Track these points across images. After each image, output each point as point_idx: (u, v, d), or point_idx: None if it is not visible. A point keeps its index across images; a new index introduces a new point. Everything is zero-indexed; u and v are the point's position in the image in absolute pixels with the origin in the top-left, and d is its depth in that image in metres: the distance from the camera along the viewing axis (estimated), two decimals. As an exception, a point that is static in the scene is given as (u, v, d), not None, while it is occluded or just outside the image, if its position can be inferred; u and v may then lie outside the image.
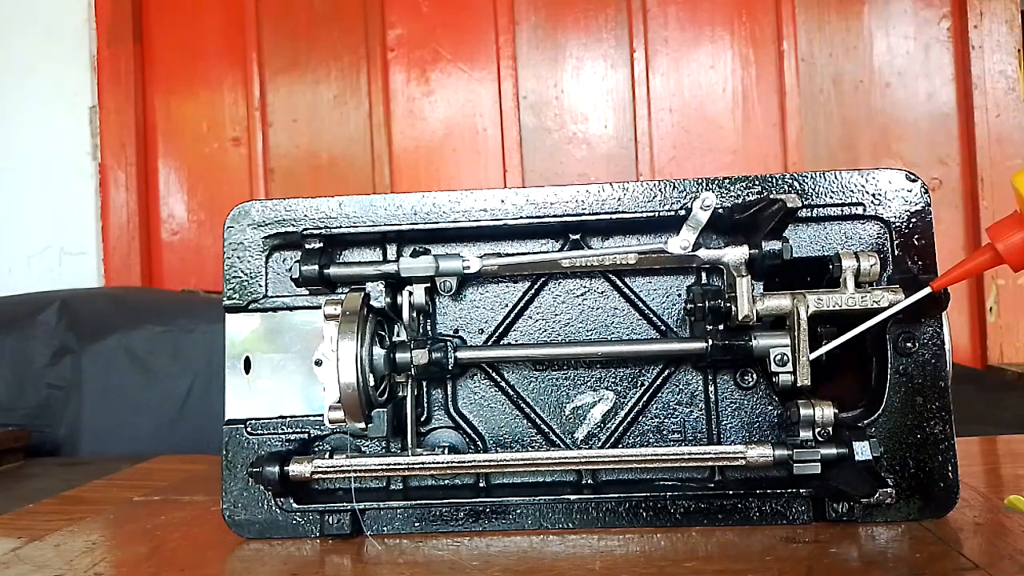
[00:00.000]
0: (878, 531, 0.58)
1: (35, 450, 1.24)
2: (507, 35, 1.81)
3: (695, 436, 0.65)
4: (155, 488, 0.83)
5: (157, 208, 1.91)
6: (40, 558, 0.60)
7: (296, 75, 1.86)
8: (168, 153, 1.91)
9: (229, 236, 0.66)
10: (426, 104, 1.84)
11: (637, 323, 0.66)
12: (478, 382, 0.66)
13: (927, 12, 1.76)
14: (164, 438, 1.32)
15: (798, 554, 0.55)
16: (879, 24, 1.76)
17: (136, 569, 0.58)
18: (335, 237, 0.64)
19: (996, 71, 1.72)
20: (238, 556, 0.60)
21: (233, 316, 0.66)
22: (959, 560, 0.52)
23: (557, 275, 0.66)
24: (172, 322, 1.41)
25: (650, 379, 0.65)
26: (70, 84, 1.87)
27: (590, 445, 0.65)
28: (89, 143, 1.87)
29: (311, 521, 0.63)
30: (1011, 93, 1.72)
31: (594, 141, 1.80)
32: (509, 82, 1.81)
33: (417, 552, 0.59)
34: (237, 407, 0.65)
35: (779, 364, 0.59)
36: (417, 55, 1.84)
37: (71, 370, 1.36)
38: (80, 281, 1.82)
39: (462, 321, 0.67)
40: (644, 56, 1.78)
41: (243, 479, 0.64)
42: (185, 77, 1.90)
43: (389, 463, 0.61)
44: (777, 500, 0.61)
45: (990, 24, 1.72)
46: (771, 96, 1.77)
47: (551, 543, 0.59)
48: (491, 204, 0.64)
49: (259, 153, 1.86)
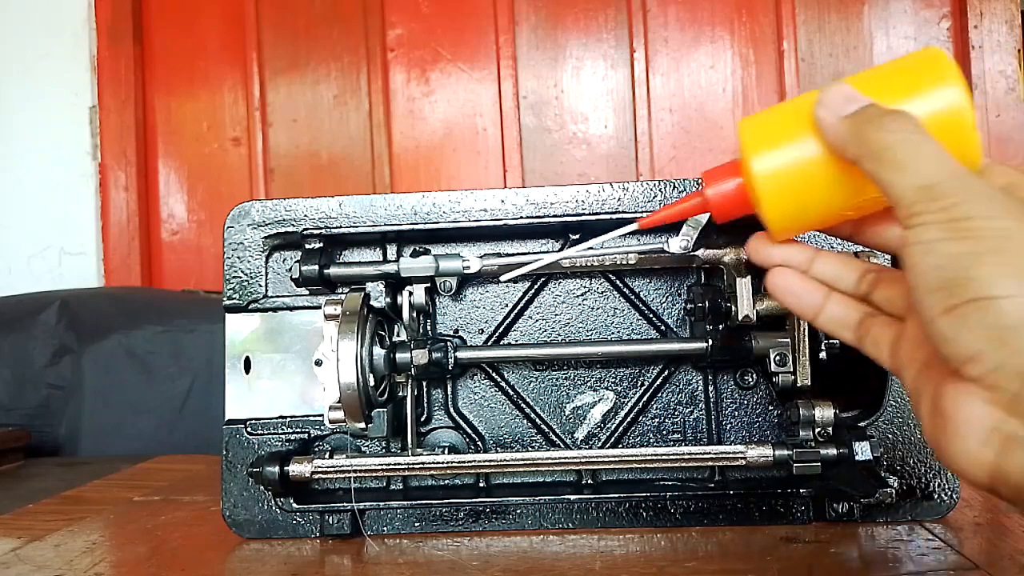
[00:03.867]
0: (878, 531, 0.58)
1: (35, 450, 1.24)
2: (507, 35, 1.81)
3: (695, 436, 0.65)
4: (155, 488, 0.83)
5: (157, 208, 1.90)
6: (40, 558, 0.60)
7: (296, 75, 1.86)
8: (168, 153, 1.91)
9: (229, 236, 0.66)
10: (426, 104, 1.84)
11: (637, 323, 0.66)
12: (478, 382, 0.67)
13: (927, 12, 1.76)
14: (164, 438, 1.32)
15: (798, 554, 0.55)
16: (879, 24, 1.76)
17: (136, 569, 0.58)
18: (335, 237, 0.64)
19: (996, 71, 1.72)
20: (238, 556, 0.60)
21: (233, 316, 0.66)
22: (959, 560, 0.52)
23: (557, 275, 0.66)
24: (172, 322, 1.41)
25: (650, 379, 0.65)
26: (70, 84, 1.87)
27: (590, 445, 0.65)
28: (89, 143, 1.87)
29: (311, 521, 0.63)
30: (1011, 93, 1.72)
31: (594, 141, 1.80)
32: (509, 82, 1.81)
33: (417, 552, 0.59)
34: (237, 407, 0.65)
35: (779, 364, 0.59)
36: (417, 55, 1.84)
37: (71, 370, 1.36)
38: (80, 281, 1.82)
39: (462, 321, 0.67)
40: (644, 56, 1.78)
41: (243, 479, 0.64)
42: (185, 77, 1.90)
43: (389, 463, 0.61)
44: (777, 500, 0.61)
45: (990, 24, 1.72)
46: (771, 96, 1.77)
47: (551, 543, 0.59)
48: (491, 204, 0.64)
49: (259, 153, 1.86)
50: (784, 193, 0.43)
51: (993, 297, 0.32)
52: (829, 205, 0.43)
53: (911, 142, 0.37)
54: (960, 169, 0.36)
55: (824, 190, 0.42)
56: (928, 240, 0.35)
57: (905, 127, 0.38)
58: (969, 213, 0.34)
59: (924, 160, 0.36)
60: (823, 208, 0.43)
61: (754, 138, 0.44)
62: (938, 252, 0.34)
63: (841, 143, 0.40)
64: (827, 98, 0.41)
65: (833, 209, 0.43)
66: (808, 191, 0.43)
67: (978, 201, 0.35)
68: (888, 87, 0.42)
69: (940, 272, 0.34)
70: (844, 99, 0.41)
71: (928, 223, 0.35)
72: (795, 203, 0.43)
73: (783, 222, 0.44)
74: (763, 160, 0.43)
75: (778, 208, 0.44)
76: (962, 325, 0.33)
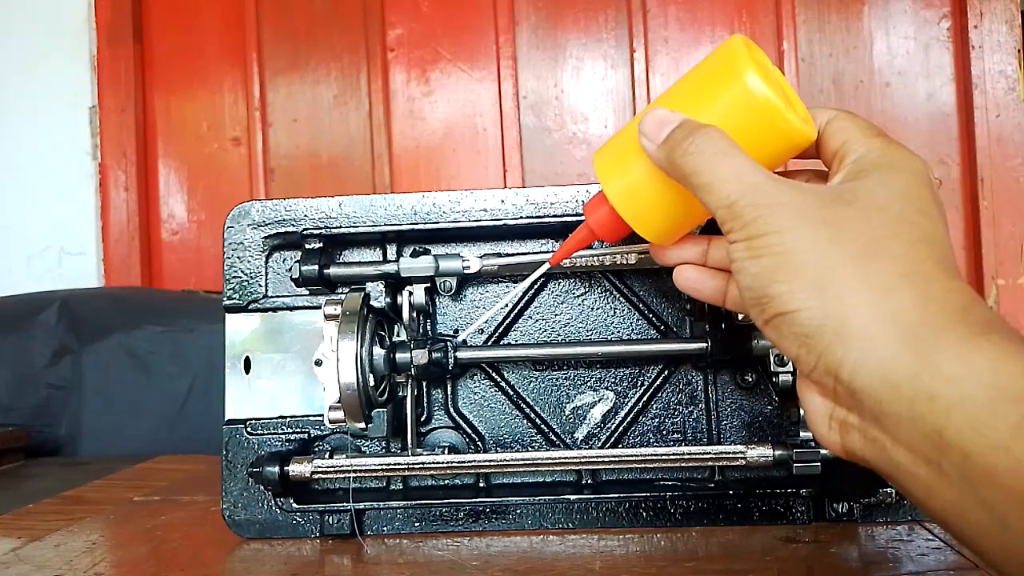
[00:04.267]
0: (878, 531, 0.58)
1: (35, 450, 1.24)
2: (507, 35, 1.81)
3: (695, 436, 0.65)
4: (155, 488, 0.83)
5: (157, 208, 1.90)
6: (40, 558, 0.60)
7: (296, 75, 1.86)
8: (168, 153, 1.91)
9: (229, 236, 0.66)
10: (426, 104, 1.84)
11: (637, 323, 0.66)
12: (478, 382, 0.67)
13: (927, 12, 1.76)
14: (164, 438, 1.32)
15: (798, 554, 0.55)
16: (879, 24, 1.76)
17: (136, 569, 0.58)
18: (335, 237, 0.64)
19: (996, 71, 1.72)
20: (238, 556, 0.60)
21: (233, 316, 0.66)
22: (959, 560, 0.52)
23: (557, 275, 0.66)
24: (172, 322, 1.41)
25: (650, 379, 0.65)
26: (70, 84, 1.87)
27: (590, 445, 0.65)
28: (89, 143, 1.87)
29: (311, 521, 0.63)
30: (1011, 93, 1.72)
31: (594, 141, 1.80)
32: (509, 82, 1.81)
33: (417, 552, 0.59)
34: (237, 407, 0.65)
35: (779, 364, 0.59)
36: (417, 55, 1.84)
37: (71, 370, 1.36)
38: (80, 281, 1.82)
39: (462, 321, 0.67)
40: (644, 56, 1.78)
41: (243, 479, 0.64)
42: (185, 77, 1.90)
43: (389, 463, 0.61)
44: (777, 500, 0.61)
45: (990, 24, 1.72)
46: (771, 96, 1.77)
47: (551, 543, 0.59)
48: (491, 204, 0.64)
49: (259, 153, 1.86)
50: (644, 211, 0.45)
51: (789, 312, 0.35)
52: (690, 211, 0.45)
53: (711, 163, 0.39)
54: (758, 181, 0.37)
55: (678, 202, 0.44)
56: (738, 259, 0.38)
57: (704, 148, 0.39)
58: (763, 229, 0.36)
59: (723, 180, 0.38)
60: (689, 214, 0.45)
61: (604, 167, 0.46)
62: (746, 271, 0.37)
63: (663, 168, 0.42)
64: (644, 127, 0.43)
65: (700, 211, 0.44)
66: (664, 205, 0.44)
67: (772, 215, 0.36)
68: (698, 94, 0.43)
69: (750, 291, 0.37)
70: (657, 124, 0.42)
71: (737, 241, 0.38)
72: (658, 217, 0.45)
73: (657, 233, 0.46)
74: (614, 187, 0.45)
75: (644, 225, 0.46)
76: (778, 335, 0.37)
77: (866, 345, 0.34)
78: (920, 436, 0.32)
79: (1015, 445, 0.29)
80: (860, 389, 0.34)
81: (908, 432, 0.33)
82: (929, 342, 0.33)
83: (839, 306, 0.34)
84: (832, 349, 0.35)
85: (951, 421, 0.31)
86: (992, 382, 0.31)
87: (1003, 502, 0.30)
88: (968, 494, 0.31)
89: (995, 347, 0.32)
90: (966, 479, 0.31)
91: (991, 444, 0.30)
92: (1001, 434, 0.30)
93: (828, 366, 0.35)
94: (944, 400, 0.31)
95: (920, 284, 0.34)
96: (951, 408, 0.31)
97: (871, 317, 0.34)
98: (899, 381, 0.33)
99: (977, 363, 0.32)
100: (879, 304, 0.34)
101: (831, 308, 0.34)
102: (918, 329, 0.33)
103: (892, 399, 0.33)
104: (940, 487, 0.32)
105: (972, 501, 0.31)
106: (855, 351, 0.34)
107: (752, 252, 0.37)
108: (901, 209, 0.36)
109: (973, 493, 0.31)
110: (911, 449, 0.33)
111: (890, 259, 0.35)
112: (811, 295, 0.35)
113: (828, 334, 0.35)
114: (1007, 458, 0.30)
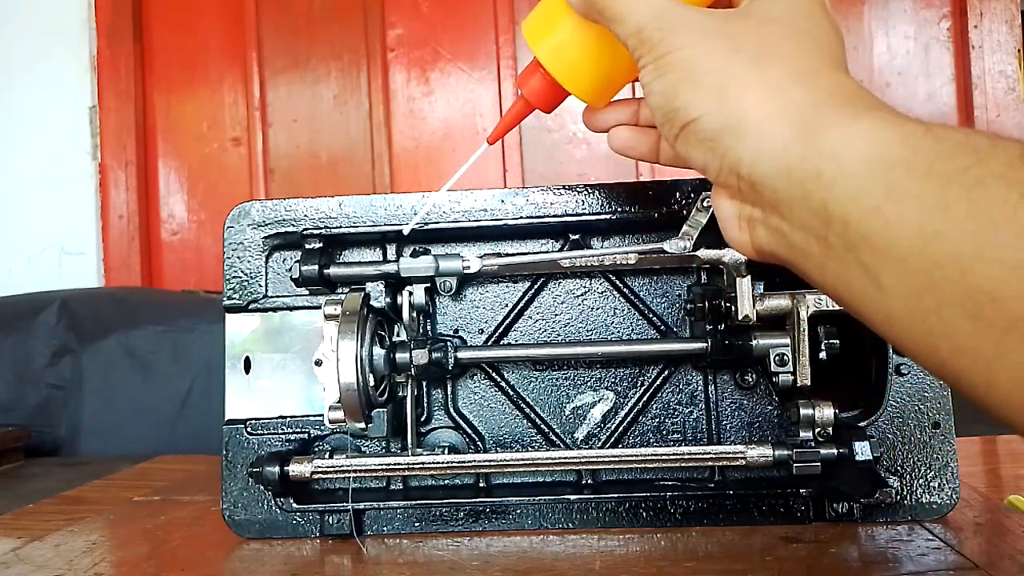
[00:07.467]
0: (878, 531, 0.58)
1: (35, 450, 1.24)
2: (507, 35, 1.81)
3: (695, 436, 0.65)
4: (155, 488, 0.83)
5: (157, 208, 1.91)
6: (40, 558, 0.60)
7: (296, 75, 1.86)
8: (168, 153, 1.91)
9: (229, 236, 0.66)
10: (426, 104, 1.84)
11: (637, 323, 0.66)
12: (478, 382, 0.66)
13: (927, 12, 1.76)
14: (164, 438, 1.32)
15: (798, 554, 0.55)
16: (879, 24, 1.76)
17: (136, 569, 0.58)
18: (335, 237, 0.64)
19: (996, 71, 1.72)
20: (238, 556, 0.60)
21: (233, 316, 0.66)
22: (959, 560, 0.52)
23: (557, 275, 0.66)
24: (172, 322, 1.41)
25: (650, 379, 0.65)
26: (70, 84, 1.87)
27: (590, 445, 0.65)
28: (89, 143, 1.87)
29: (311, 521, 0.63)
30: (1011, 93, 1.72)
31: (594, 141, 1.80)
32: (509, 82, 1.81)
33: (417, 552, 0.59)
34: (237, 407, 0.65)
35: (779, 364, 0.59)
36: (417, 55, 1.84)
37: (71, 370, 1.36)
38: (80, 281, 1.83)
39: (462, 321, 0.67)
40: (644, 56, 1.78)
41: (243, 479, 0.64)
42: (185, 77, 1.90)
43: (389, 463, 0.61)
44: (777, 500, 0.61)
45: (990, 24, 1.72)
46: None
47: (551, 543, 0.59)
48: (491, 204, 0.64)
49: (259, 153, 1.86)
50: (574, 69, 0.47)
51: (694, 119, 0.38)
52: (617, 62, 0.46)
53: None
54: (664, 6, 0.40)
55: (605, 53, 0.46)
56: (647, 82, 0.40)
57: None
58: (668, 48, 0.39)
59: (632, 9, 0.40)
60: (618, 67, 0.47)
61: (533, 33, 0.48)
62: (654, 91, 0.40)
63: (583, 13, 0.44)
64: None
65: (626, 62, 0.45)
66: (592, 59, 0.46)
67: (677, 34, 0.39)
68: None
69: (659, 111, 0.40)
70: None
71: (645, 65, 0.40)
72: (589, 73, 0.47)
73: (590, 92, 0.48)
74: (543, 47, 0.47)
75: (576, 83, 0.47)
76: (687, 146, 0.39)
77: (762, 138, 0.36)
78: (810, 213, 0.35)
79: (886, 206, 0.31)
80: (759, 180, 0.37)
81: (800, 212, 0.35)
82: (816, 127, 0.35)
83: (736, 107, 0.37)
84: (733, 148, 0.37)
85: (832, 193, 0.33)
86: (869, 152, 0.33)
87: (877, 263, 0.32)
88: (851, 262, 0.33)
89: (876, 122, 0.34)
90: (848, 246, 0.33)
91: (866, 208, 0.32)
92: (875, 198, 0.32)
93: (731, 165, 0.37)
94: (828, 175, 0.34)
95: (808, 79, 0.37)
96: (834, 181, 0.33)
97: (764, 114, 0.36)
98: (791, 166, 0.35)
99: (858, 138, 0.33)
100: (772, 101, 0.36)
101: (729, 110, 0.37)
102: (807, 117, 0.35)
103: (786, 184, 0.35)
104: (829, 260, 0.34)
105: (854, 268, 0.33)
106: (752, 146, 0.36)
107: (659, 72, 0.39)
108: (793, 20, 0.39)
109: (855, 259, 0.33)
110: (804, 228, 0.35)
111: (782, 61, 0.37)
112: (711, 101, 0.37)
113: (728, 135, 0.37)
114: (878, 219, 0.32)
